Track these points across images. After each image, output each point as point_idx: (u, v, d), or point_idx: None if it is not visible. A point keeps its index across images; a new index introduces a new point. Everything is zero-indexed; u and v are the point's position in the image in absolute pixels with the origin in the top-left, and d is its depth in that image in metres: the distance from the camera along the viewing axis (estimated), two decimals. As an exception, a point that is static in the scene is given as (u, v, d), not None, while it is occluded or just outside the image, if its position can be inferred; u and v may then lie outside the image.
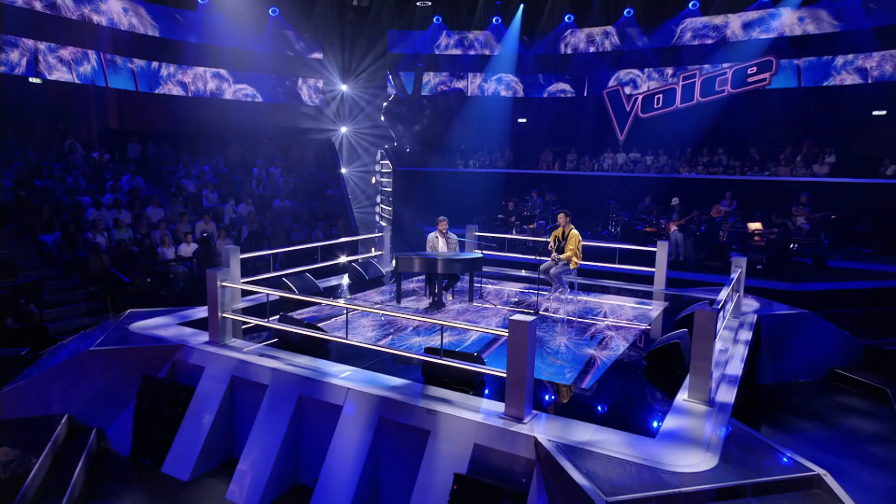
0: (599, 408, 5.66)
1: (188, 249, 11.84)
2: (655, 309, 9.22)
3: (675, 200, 14.14)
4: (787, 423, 7.58)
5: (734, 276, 8.06)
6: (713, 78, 17.18)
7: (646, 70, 19.27)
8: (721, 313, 7.18)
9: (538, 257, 8.78)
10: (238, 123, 18.29)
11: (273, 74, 19.12)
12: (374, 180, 21.90)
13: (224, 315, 7.00)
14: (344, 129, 22.32)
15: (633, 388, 6.16)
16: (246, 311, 7.90)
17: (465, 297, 9.30)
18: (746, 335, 7.85)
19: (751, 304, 9.34)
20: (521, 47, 20.53)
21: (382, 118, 20.25)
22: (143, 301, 10.09)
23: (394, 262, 8.93)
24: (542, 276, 9.37)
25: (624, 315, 8.81)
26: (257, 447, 6.08)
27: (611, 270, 10.95)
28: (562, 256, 8.96)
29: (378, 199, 21.37)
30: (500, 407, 5.39)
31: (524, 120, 21.14)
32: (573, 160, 18.81)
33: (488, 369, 5.61)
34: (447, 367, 5.83)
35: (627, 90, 18.89)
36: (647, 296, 9.98)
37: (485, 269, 12.02)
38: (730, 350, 7.22)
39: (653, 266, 10.23)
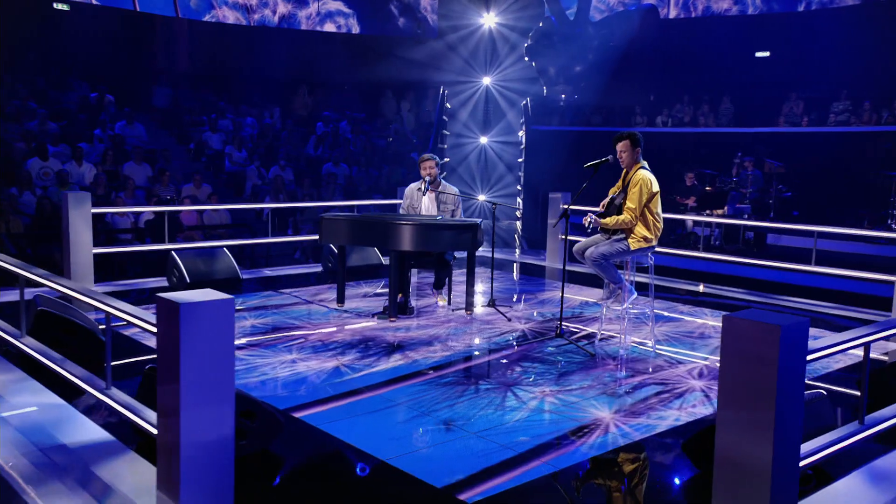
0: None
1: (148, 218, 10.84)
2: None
3: None
4: None
5: None
6: None
7: None
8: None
9: (562, 236, 5.40)
10: (315, 63, 17.23)
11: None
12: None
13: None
14: (487, 81, 20.43)
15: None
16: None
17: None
18: None
19: None
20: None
21: (526, 58, 17.96)
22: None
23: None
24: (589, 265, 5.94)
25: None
26: None
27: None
28: (605, 221, 5.50)
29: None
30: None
31: (765, 53, 17.46)
32: (843, 110, 14.91)
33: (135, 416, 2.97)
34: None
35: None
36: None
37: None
38: None
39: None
